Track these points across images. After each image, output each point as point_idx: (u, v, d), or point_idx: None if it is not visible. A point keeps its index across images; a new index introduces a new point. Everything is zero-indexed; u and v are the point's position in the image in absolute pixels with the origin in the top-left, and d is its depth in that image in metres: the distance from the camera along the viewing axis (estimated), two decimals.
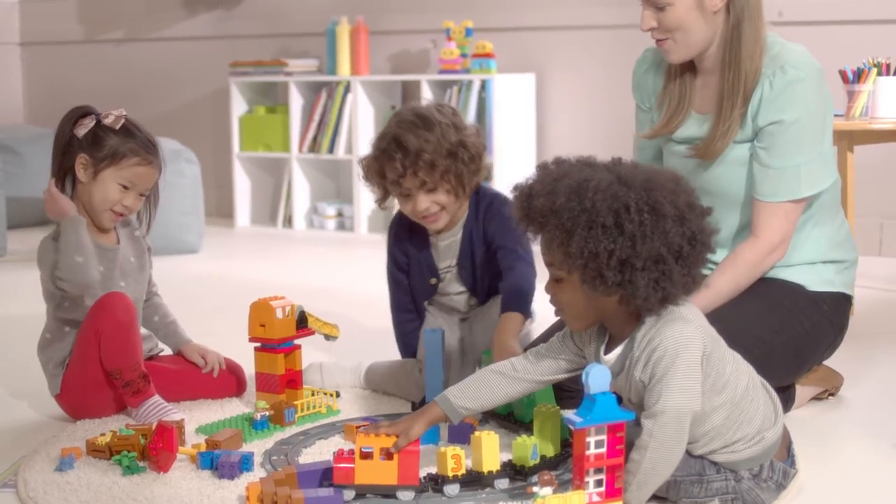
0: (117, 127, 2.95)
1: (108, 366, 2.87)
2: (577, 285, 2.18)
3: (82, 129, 2.97)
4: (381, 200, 3.04)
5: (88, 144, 2.96)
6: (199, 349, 3.15)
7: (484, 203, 3.03)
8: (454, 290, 3.12)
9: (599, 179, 2.13)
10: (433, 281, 3.11)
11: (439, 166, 2.89)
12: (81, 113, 3.00)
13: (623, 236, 2.10)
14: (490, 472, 2.36)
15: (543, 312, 2.73)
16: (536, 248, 2.35)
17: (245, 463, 2.52)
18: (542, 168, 2.23)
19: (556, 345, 2.39)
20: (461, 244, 3.05)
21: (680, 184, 2.18)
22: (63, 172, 3.00)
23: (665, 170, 2.25)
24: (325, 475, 2.37)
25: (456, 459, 2.34)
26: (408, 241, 3.10)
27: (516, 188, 2.24)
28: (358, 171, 3.07)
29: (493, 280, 3.04)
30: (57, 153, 3.01)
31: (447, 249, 3.07)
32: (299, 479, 2.35)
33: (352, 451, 2.32)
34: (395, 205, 3.08)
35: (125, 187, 2.96)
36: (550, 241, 2.18)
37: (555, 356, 2.39)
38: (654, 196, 2.12)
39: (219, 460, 2.51)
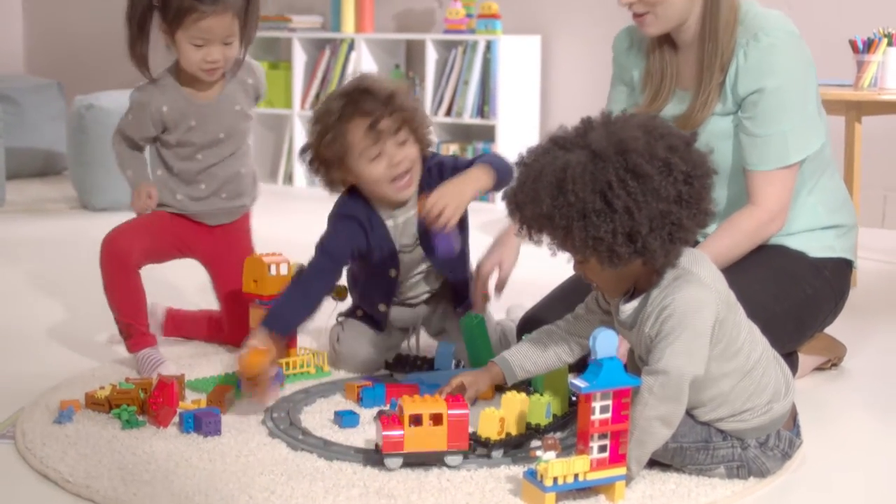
0: None
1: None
2: (597, 266, 2.17)
3: None
4: (332, 184, 2.84)
5: (161, 7, 2.87)
6: None
7: (434, 166, 2.86)
8: (415, 294, 2.96)
9: (574, 164, 2.08)
10: (392, 273, 2.87)
11: (408, 110, 2.76)
12: None
13: (617, 213, 2.07)
14: (520, 434, 2.40)
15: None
16: None
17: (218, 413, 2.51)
18: (520, 165, 2.19)
19: (592, 304, 2.43)
20: (419, 218, 2.82)
21: (652, 131, 2.12)
22: (143, 39, 2.95)
23: (633, 118, 2.18)
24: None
25: (502, 423, 2.37)
26: (359, 227, 2.83)
27: (504, 198, 2.22)
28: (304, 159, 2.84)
29: (461, 268, 2.94)
30: (134, 20, 2.95)
31: (406, 226, 2.85)
32: None
33: (395, 416, 2.29)
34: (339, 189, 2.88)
35: (199, 45, 2.87)
36: (555, 241, 2.18)
37: (590, 317, 2.42)
38: (632, 160, 2.07)
39: (200, 420, 2.48)
